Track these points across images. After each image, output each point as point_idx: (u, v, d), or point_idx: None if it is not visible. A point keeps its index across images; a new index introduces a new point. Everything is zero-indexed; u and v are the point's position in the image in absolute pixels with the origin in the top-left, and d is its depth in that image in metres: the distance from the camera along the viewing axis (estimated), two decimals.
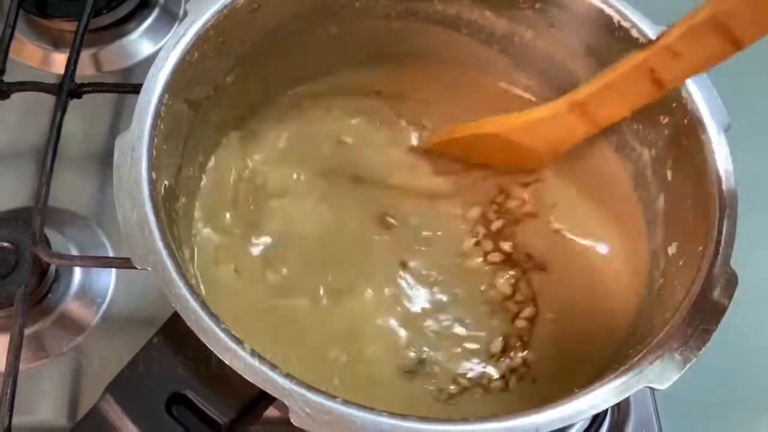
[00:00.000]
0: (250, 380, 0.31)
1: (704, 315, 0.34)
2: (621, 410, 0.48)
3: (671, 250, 0.41)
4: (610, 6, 0.43)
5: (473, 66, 0.51)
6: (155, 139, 0.36)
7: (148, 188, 0.35)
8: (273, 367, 0.31)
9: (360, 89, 0.51)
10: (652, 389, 0.32)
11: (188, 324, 0.32)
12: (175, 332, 0.34)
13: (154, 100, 0.37)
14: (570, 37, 0.46)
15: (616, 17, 0.43)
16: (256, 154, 0.48)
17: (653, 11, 0.43)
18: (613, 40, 0.43)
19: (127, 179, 0.35)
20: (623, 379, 0.32)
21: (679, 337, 0.33)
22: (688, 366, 0.32)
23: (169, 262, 0.33)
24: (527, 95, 0.51)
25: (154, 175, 0.35)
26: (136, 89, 0.40)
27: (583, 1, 0.43)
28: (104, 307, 0.50)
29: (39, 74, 0.58)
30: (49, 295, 0.49)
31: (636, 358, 0.33)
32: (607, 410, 0.46)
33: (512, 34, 0.48)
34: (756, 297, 0.54)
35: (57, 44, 0.60)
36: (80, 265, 0.49)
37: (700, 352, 0.33)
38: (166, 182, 0.39)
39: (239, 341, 0.32)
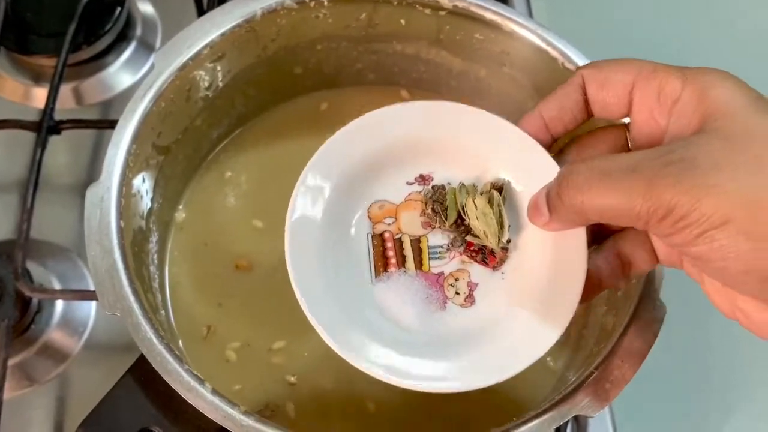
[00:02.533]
0: (210, 417, 0.33)
1: (634, 347, 0.37)
2: (580, 426, 0.50)
3: None
4: (555, 49, 0.45)
5: (435, 96, 0.54)
6: (124, 189, 0.39)
7: (116, 237, 0.37)
8: (232, 404, 0.34)
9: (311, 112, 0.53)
10: (583, 416, 0.35)
11: (153, 365, 0.34)
12: (143, 372, 0.36)
13: (123, 152, 0.40)
14: (520, 76, 0.48)
15: (560, 59, 0.45)
16: (225, 189, 0.51)
17: (596, 52, 0.46)
18: (558, 80, 0.46)
19: (96, 229, 0.37)
20: (556, 409, 0.35)
21: (610, 367, 0.36)
22: (615, 396, 0.35)
23: (136, 307, 0.36)
24: None
25: (122, 223, 0.38)
26: (113, 125, 0.42)
27: (531, 45, 0.46)
28: (86, 335, 0.52)
29: (20, 109, 0.60)
30: (33, 326, 0.51)
31: (569, 387, 0.36)
32: (567, 426, 0.48)
33: (467, 72, 0.51)
34: (712, 315, 0.57)
35: (37, 79, 0.62)
36: (61, 299, 0.52)
37: (628, 383, 0.35)
38: (136, 225, 0.42)
39: (201, 380, 0.34)
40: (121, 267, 0.36)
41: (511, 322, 0.35)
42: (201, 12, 0.60)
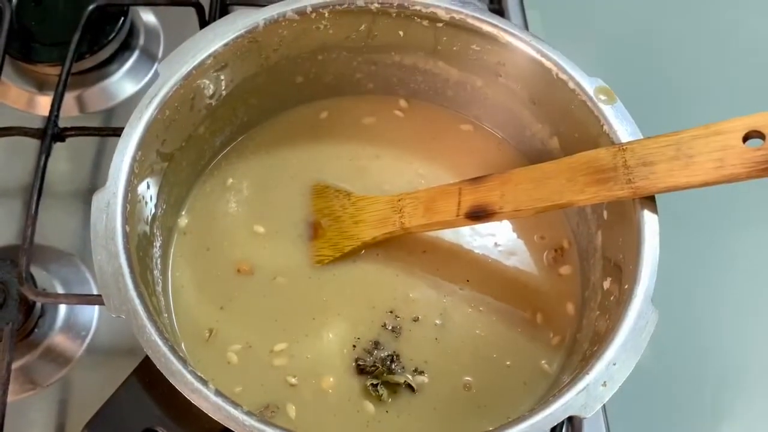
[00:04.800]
0: (213, 417, 0.34)
1: (627, 349, 0.38)
2: (574, 428, 0.51)
3: (606, 284, 0.44)
4: (549, 60, 0.46)
5: (433, 106, 0.55)
6: (129, 195, 0.40)
7: (122, 241, 0.38)
8: (235, 405, 0.35)
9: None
10: (580, 417, 0.36)
11: (158, 366, 0.35)
12: (148, 373, 0.37)
13: (128, 159, 0.41)
14: (515, 87, 0.50)
15: (554, 70, 0.46)
16: (227, 195, 0.52)
17: (589, 63, 0.47)
18: (553, 90, 0.47)
19: (102, 233, 0.38)
20: (550, 410, 0.35)
21: (603, 369, 0.37)
22: (608, 397, 0.36)
23: (141, 310, 0.36)
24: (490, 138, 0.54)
25: (128, 228, 0.39)
26: (116, 132, 0.43)
27: (526, 56, 0.47)
28: (88, 339, 0.53)
29: (24, 117, 0.61)
30: (36, 330, 0.52)
31: (563, 389, 0.36)
32: (562, 427, 0.49)
33: (464, 82, 0.52)
34: (704, 320, 0.57)
35: (42, 87, 0.63)
36: (65, 303, 0.52)
37: (621, 384, 0.36)
38: (141, 230, 0.42)
39: (205, 382, 0.35)
40: (126, 271, 0.37)
41: None
42: (203, 23, 0.61)
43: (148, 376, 0.37)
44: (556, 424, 0.35)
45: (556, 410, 0.36)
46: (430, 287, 0.49)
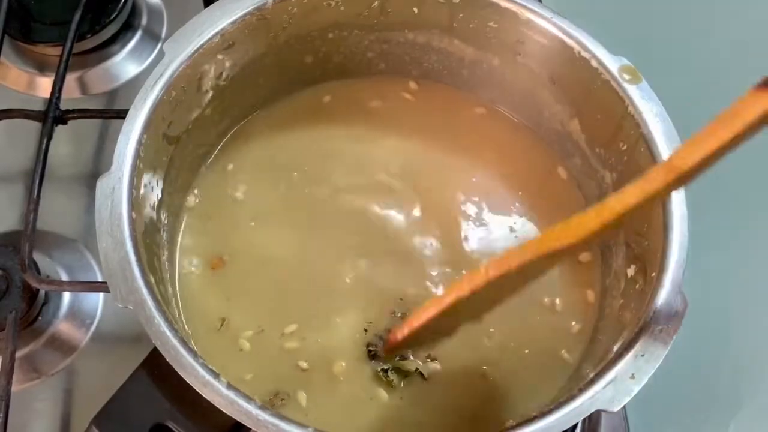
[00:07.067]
0: (226, 412, 0.33)
1: (655, 340, 0.36)
2: (592, 420, 0.50)
3: (630, 272, 0.43)
4: (571, 37, 0.45)
5: (444, 89, 0.53)
6: (135, 179, 0.38)
7: (128, 228, 0.37)
8: (248, 399, 0.33)
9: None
10: (605, 411, 0.34)
11: (168, 359, 0.34)
12: (157, 366, 0.36)
13: (133, 142, 0.39)
14: (534, 66, 0.48)
15: (576, 48, 0.44)
16: (232, 180, 0.50)
17: (612, 42, 0.45)
18: (574, 69, 0.45)
19: (108, 220, 0.37)
20: (576, 403, 0.34)
21: (630, 361, 0.35)
22: (637, 390, 0.34)
23: (149, 300, 0.35)
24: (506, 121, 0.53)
25: (134, 214, 0.37)
26: (120, 114, 0.42)
27: (547, 33, 0.45)
28: (93, 327, 0.52)
29: (25, 99, 0.60)
30: (40, 318, 0.51)
31: (589, 381, 0.35)
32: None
33: (480, 61, 0.50)
34: (722, 307, 0.56)
35: (42, 68, 0.61)
36: (69, 290, 0.51)
37: (649, 377, 0.35)
38: (147, 217, 0.41)
39: (216, 375, 0.34)
40: (133, 259, 0.36)
41: None
42: (207, 1, 0.59)
43: (156, 368, 0.36)
44: (583, 417, 0.34)
45: (583, 403, 0.34)
46: None
